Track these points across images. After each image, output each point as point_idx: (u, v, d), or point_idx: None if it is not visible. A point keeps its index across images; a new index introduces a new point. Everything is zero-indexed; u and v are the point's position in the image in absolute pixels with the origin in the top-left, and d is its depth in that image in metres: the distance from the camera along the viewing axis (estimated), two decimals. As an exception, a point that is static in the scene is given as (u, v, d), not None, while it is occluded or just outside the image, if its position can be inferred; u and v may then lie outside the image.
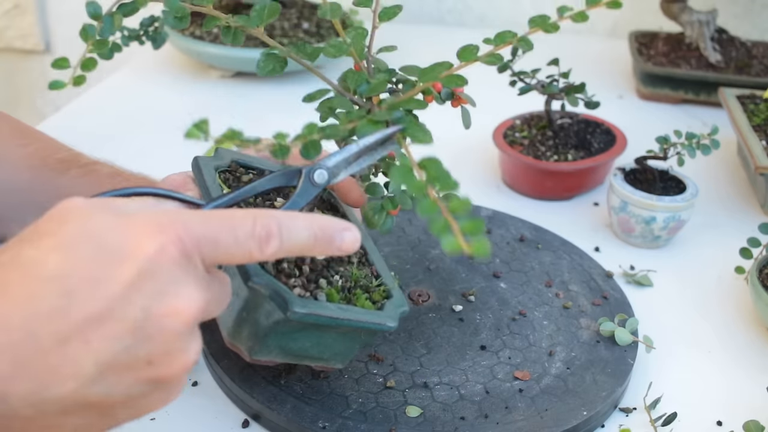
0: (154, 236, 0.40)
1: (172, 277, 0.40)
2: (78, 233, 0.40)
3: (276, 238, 0.44)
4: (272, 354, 0.58)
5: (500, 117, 1.01)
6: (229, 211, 0.45)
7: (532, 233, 0.84)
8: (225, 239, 0.43)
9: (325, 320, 0.55)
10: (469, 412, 0.62)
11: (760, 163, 0.89)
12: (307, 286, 0.57)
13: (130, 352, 0.40)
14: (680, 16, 1.24)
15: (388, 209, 0.58)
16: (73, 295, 0.39)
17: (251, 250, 0.44)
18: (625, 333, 0.69)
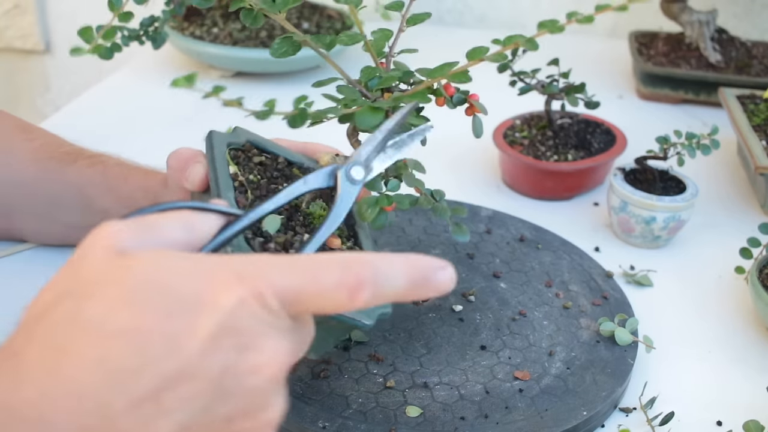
0: (233, 288, 0.37)
1: (253, 331, 0.37)
2: (146, 281, 0.36)
3: (369, 287, 0.40)
4: None
5: (500, 117, 1.01)
6: (316, 258, 0.40)
7: (532, 233, 0.84)
8: (310, 290, 0.39)
9: None
10: (469, 412, 0.62)
11: (760, 163, 0.89)
12: None
13: (209, 412, 0.36)
14: (680, 16, 1.24)
15: (382, 205, 0.57)
16: (147, 354, 0.34)
17: (340, 301, 0.39)
18: (625, 333, 0.69)
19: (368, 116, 0.53)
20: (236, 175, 0.60)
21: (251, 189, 0.60)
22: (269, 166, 0.64)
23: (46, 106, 1.78)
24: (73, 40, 0.71)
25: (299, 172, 0.66)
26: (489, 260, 0.80)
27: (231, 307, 0.36)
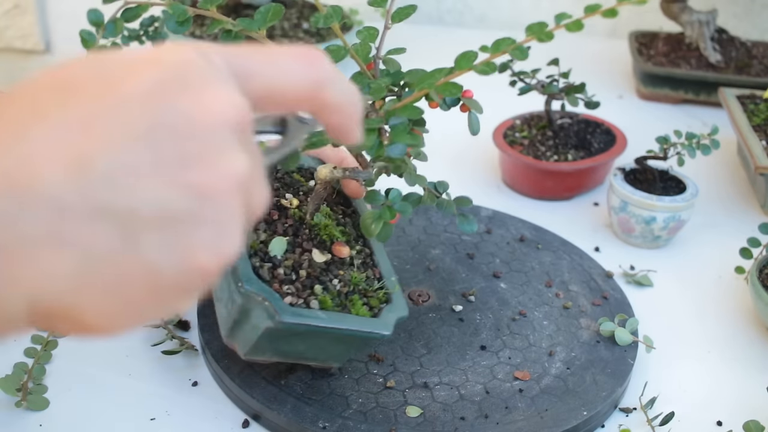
0: (172, 49, 0.32)
1: (196, 76, 0.32)
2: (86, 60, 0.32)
3: (326, 60, 0.36)
4: (266, 355, 0.59)
5: (500, 117, 1.01)
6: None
7: (532, 233, 0.84)
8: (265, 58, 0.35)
9: (315, 329, 0.55)
10: (469, 412, 0.62)
11: (760, 163, 0.89)
12: (300, 292, 0.56)
13: (152, 148, 0.29)
14: (680, 16, 1.24)
15: (385, 219, 0.57)
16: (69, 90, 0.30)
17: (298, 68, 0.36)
18: (625, 333, 0.69)
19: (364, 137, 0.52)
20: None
21: None
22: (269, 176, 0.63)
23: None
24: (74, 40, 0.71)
25: (299, 177, 0.66)
26: (489, 260, 0.80)
27: (178, 60, 0.32)
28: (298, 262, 0.58)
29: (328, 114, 0.38)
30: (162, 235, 0.30)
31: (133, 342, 0.69)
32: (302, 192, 0.65)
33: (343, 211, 0.65)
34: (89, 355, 0.68)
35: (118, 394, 0.64)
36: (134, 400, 0.64)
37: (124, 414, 0.63)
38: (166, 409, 0.63)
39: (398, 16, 0.60)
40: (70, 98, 0.29)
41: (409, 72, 0.58)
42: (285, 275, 0.57)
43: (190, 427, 0.62)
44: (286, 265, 0.57)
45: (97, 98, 0.29)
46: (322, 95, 0.36)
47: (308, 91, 0.36)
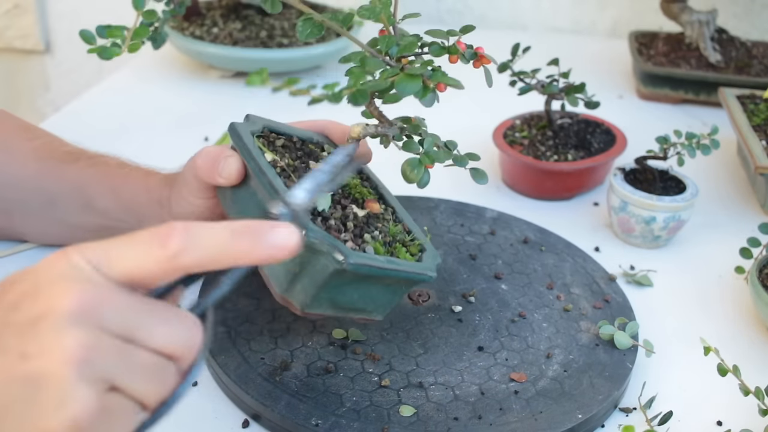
0: (48, 259, 0.42)
1: (48, 281, 0.40)
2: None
3: (179, 233, 0.42)
4: (322, 307, 0.61)
5: (500, 117, 1.01)
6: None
7: (536, 235, 0.84)
8: (117, 246, 0.42)
9: (377, 271, 0.58)
10: (462, 413, 0.62)
11: (760, 163, 0.89)
12: (355, 240, 0.60)
13: (5, 344, 0.39)
14: (680, 16, 1.24)
15: (425, 164, 0.61)
16: None
17: (153, 251, 0.41)
18: (625, 337, 0.69)
19: (407, 83, 0.57)
20: (275, 161, 0.62)
21: (292, 173, 0.62)
22: (291, 147, 0.67)
23: (46, 106, 1.78)
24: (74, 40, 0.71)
25: (314, 147, 0.68)
26: (491, 261, 0.80)
27: (38, 267, 0.41)
28: (344, 215, 0.62)
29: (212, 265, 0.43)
30: (13, 414, 0.38)
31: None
32: (321, 160, 0.68)
33: (360, 177, 0.69)
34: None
35: (117, 395, 0.64)
36: (133, 400, 0.64)
37: (123, 414, 0.63)
38: (165, 409, 0.63)
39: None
40: None
41: (429, 31, 0.63)
42: (336, 226, 0.60)
43: (190, 426, 0.62)
44: (335, 217, 0.61)
45: None
46: (183, 261, 0.42)
47: (165, 263, 0.41)
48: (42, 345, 0.38)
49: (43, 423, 0.38)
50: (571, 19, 1.54)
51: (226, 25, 1.24)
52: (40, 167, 0.75)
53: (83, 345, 0.38)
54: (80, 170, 0.74)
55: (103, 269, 0.41)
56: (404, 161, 0.61)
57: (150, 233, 0.42)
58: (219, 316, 0.69)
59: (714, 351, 0.63)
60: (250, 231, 0.43)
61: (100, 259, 0.41)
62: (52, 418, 0.38)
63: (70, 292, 0.39)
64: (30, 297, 0.40)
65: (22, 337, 0.39)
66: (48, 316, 0.39)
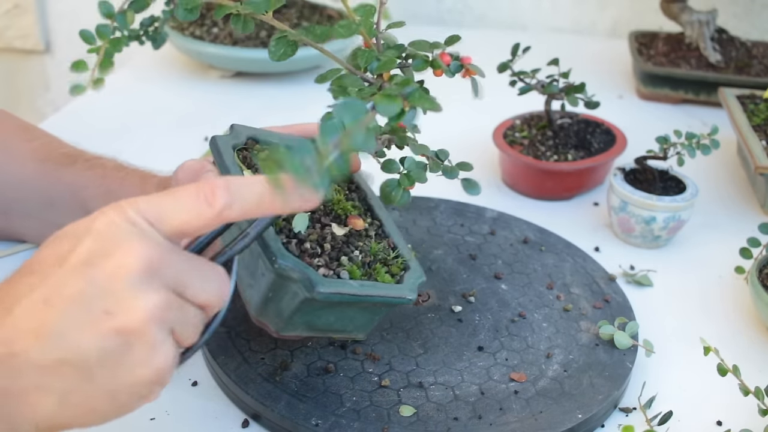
0: (102, 213, 0.45)
1: (117, 238, 0.43)
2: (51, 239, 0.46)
3: (222, 190, 0.45)
4: (298, 330, 0.60)
5: (500, 117, 1.01)
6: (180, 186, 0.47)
7: (536, 235, 0.84)
8: (169, 203, 0.45)
9: (349, 298, 0.57)
10: (462, 413, 0.62)
11: (760, 163, 0.89)
12: (329, 264, 0.59)
13: (86, 307, 0.42)
14: (680, 16, 1.24)
15: (404, 186, 0.60)
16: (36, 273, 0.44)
17: (200, 208, 0.45)
18: (625, 337, 0.69)
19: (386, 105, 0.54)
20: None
21: None
22: None
23: (46, 106, 1.78)
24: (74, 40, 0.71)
25: None
26: (491, 261, 0.80)
27: (98, 226, 0.44)
28: (321, 236, 0.61)
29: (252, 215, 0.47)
30: (107, 367, 0.43)
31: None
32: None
33: (348, 187, 0.68)
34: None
35: (117, 394, 0.64)
36: (133, 400, 0.64)
37: (123, 414, 0.63)
38: (165, 409, 0.63)
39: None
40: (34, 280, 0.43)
41: (412, 43, 0.60)
42: (311, 249, 0.59)
43: (190, 427, 0.62)
44: (311, 239, 0.60)
45: (49, 275, 0.43)
46: (228, 215, 0.46)
47: (212, 218, 0.46)
48: (123, 303, 0.43)
49: (135, 376, 0.44)
50: (571, 19, 1.54)
51: (226, 25, 1.24)
52: (38, 168, 0.75)
53: (158, 304, 0.43)
54: (77, 173, 0.74)
55: (156, 225, 0.45)
56: (383, 181, 0.59)
57: (195, 191, 0.45)
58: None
59: (714, 351, 0.63)
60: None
61: (154, 215, 0.45)
62: (145, 368, 0.44)
63: (136, 251, 0.43)
64: (100, 255, 0.43)
65: (103, 293, 0.43)
66: (121, 275, 0.43)
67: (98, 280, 0.43)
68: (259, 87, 1.21)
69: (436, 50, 0.60)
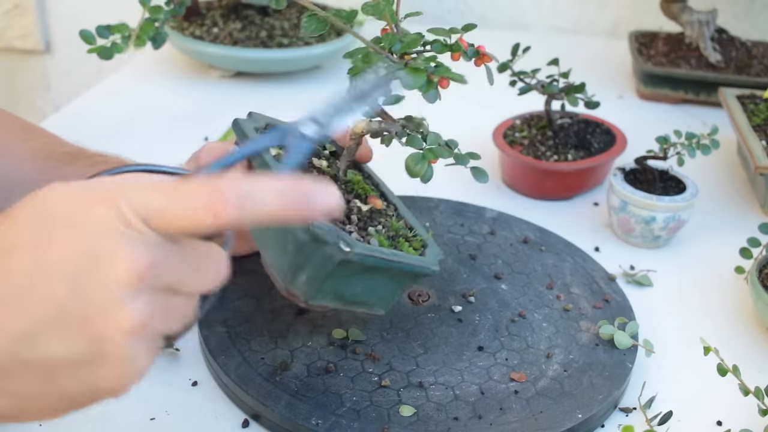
0: (93, 204, 0.41)
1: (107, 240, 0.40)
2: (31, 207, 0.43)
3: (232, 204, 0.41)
4: (326, 299, 0.61)
5: (500, 117, 1.01)
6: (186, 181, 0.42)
7: (536, 235, 0.84)
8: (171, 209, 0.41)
9: (382, 262, 0.58)
10: (462, 413, 0.62)
11: (760, 163, 0.89)
12: (359, 233, 0.61)
13: (64, 310, 0.39)
14: (680, 16, 1.24)
15: (429, 159, 0.61)
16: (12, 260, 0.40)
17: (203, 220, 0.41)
18: (625, 336, 0.69)
19: (411, 77, 0.57)
20: (279, 156, 0.62)
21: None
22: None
23: (46, 106, 1.78)
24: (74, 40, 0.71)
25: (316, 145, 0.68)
26: (491, 261, 0.80)
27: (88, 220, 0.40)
28: (348, 209, 0.63)
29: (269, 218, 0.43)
30: (74, 375, 0.40)
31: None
32: (323, 156, 0.68)
33: (362, 175, 0.69)
34: (89, 355, 0.68)
35: (117, 394, 0.64)
36: (134, 400, 0.64)
37: (124, 414, 0.63)
38: (166, 409, 0.63)
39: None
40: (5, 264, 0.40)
41: (432, 30, 0.63)
42: (339, 219, 0.61)
43: (190, 427, 0.62)
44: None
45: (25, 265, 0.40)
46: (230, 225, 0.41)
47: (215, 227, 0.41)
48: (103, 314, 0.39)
49: (104, 383, 0.41)
50: (571, 19, 1.54)
51: (226, 25, 1.24)
52: (38, 168, 0.75)
53: (141, 318, 0.40)
54: (78, 171, 0.74)
55: (151, 223, 0.41)
56: (408, 156, 0.62)
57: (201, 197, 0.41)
58: (219, 316, 0.69)
59: (714, 351, 0.63)
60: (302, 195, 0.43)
61: (149, 212, 0.41)
62: (113, 380, 0.41)
63: (126, 259, 0.40)
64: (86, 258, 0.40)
65: (83, 301, 0.40)
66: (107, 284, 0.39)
67: (80, 288, 0.40)
68: (259, 87, 1.21)
69: (454, 35, 0.63)
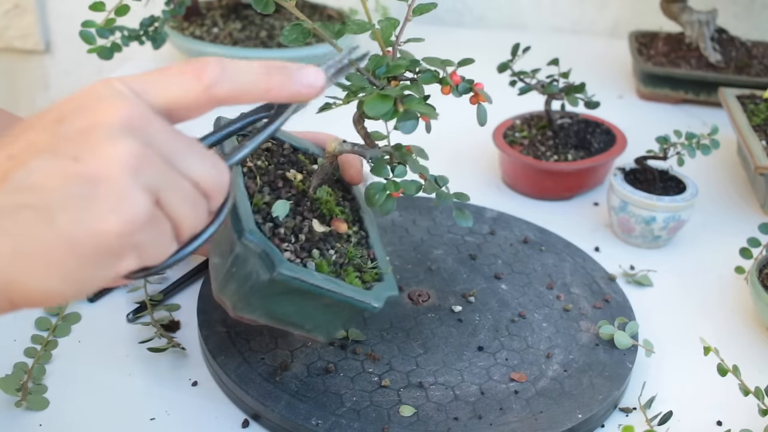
0: (91, 85, 0.43)
1: (94, 99, 0.41)
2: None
3: (215, 67, 0.44)
4: (255, 313, 0.59)
5: (500, 117, 1.01)
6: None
7: (536, 235, 0.84)
8: (155, 78, 0.43)
9: (309, 287, 0.56)
10: (463, 413, 0.62)
11: (760, 163, 0.89)
12: (299, 253, 0.58)
13: (53, 155, 0.40)
14: (680, 16, 1.24)
15: (389, 191, 0.58)
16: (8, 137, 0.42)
17: (189, 82, 0.43)
18: (625, 337, 0.69)
19: (377, 104, 0.54)
20: (245, 161, 0.61)
21: (259, 174, 0.61)
22: (275, 152, 0.66)
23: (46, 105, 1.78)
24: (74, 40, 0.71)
25: (304, 158, 0.67)
26: (491, 261, 0.80)
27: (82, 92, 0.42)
28: (298, 227, 0.60)
29: (245, 98, 0.45)
30: (69, 211, 0.39)
31: (133, 342, 0.69)
32: (305, 171, 0.66)
33: (343, 196, 0.67)
34: (89, 355, 0.68)
35: (118, 394, 0.64)
36: (134, 400, 0.64)
37: (124, 414, 0.63)
38: (166, 409, 0.63)
39: (419, 10, 0.63)
40: (20, 136, 0.41)
41: (426, 58, 0.60)
42: (285, 236, 0.58)
43: (189, 427, 0.62)
44: (287, 226, 0.59)
45: (19, 137, 0.41)
46: (218, 92, 0.44)
47: (200, 94, 0.44)
48: (95, 150, 0.40)
49: (100, 223, 0.39)
50: (571, 19, 1.54)
51: (226, 25, 1.24)
52: None
53: (135, 153, 0.40)
54: None
55: (143, 96, 0.42)
56: (369, 183, 0.59)
57: (184, 66, 0.44)
58: (219, 316, 0.69)
59: (714, 351, 0.63)
60: (282, 67, 0.46)
61: (141, 88, 0.42)
62: (110, 218, 0.39)
63: (118, 107, 0.41)
64: (77, 112, 0.41)
65: (74, 143, 0.40)
66: (98, 126, 0.40)
67: (70, 132, 0.40)
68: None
69: (448, 68, 0.60)
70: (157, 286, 0.75)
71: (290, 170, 0.64)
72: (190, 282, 0.76)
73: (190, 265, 0.78)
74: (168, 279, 0.76)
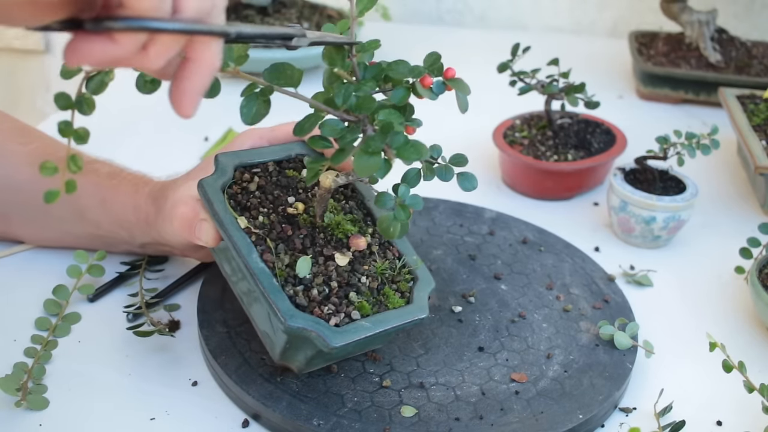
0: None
1: None
2: None
3: None
4: (320, 365, 0.64)
5: (500, 117, 1.01)
6: None
7: (535, 235, 0.84)
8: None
9: (364, 341, 0.58)
10: (464, 413, 0.62)
11: (760, 163, 0.89)
12: (340, 307, 0.59)
13: None
14: (680, 16, 1.24)
15: (401, 220, 0.57)
16: None
17: None
18: (625, 337, 0.69)
19: (365, 163, 0.52)
20: (248, 229, 0.61)
21: (267, 236, 0.61)
22: (268, 185, 0.65)
23: (46, 106, 1.78)
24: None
25: (293, 172, 0.67)
26: (491, 262, 0.80)
27: None
28: (326, 274, 0.61)
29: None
30: None
31: (133, 342, 0.69)
32: (301, 189, 0.66)
33: (344, 194, 0.67)
34: (89, 355, 0.68)
35: (118, 394, 0.64)
36: (134, 400, 0.64)
37: (124, 414, 0.63)
38: (165, 408, 0.63)
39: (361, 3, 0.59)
40: None
41: (390, 68, 0.57)
42: (319, 294, 0.59)
43: (189, 426, 0.62)
44: (317, 283, 0.60)
45: None
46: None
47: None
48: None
49: None
50: (571, 19, 1.54)
51: (226, 25, 1.24)
52: (33, 173, 0.74)
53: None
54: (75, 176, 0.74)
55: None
56: (379, 220, 0.57)
57: None
58: (219, 316, 0.69)
59: (720, 347, 0.62)
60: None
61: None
62: None
63: None
64: None
65: None
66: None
67: None
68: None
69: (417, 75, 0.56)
70: (158, 286, 0.75)
71: (289, 201, 0.64)
72: (190, 282, 0.76)
73: (191, 265, 0.78)
74: (168, 279, 0.76)
